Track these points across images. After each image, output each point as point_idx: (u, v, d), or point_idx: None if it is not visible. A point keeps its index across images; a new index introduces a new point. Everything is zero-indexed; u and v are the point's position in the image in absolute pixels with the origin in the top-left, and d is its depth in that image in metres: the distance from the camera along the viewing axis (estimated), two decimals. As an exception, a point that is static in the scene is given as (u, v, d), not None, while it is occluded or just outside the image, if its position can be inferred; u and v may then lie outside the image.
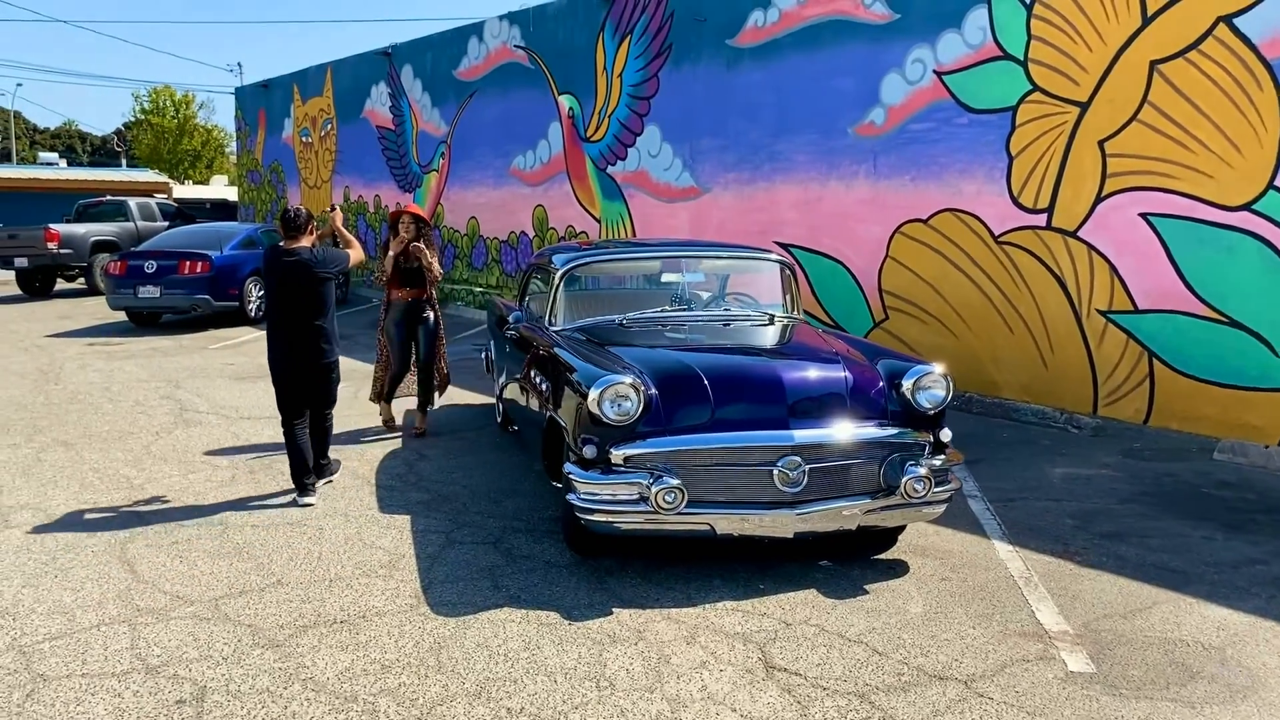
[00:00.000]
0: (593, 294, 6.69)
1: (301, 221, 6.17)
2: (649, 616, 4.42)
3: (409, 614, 4.46)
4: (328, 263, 6.16)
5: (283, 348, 6.13)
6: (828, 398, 4.84)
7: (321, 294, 6.12)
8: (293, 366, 6.13)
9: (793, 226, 10.89)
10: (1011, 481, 6.57)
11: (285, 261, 6.07)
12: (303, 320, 6.07)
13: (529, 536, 5.49)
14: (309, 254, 6.10)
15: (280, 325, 6.13)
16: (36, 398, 9.42)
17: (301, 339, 6.08)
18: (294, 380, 6.16)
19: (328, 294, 6.17)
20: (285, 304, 6.09)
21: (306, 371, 6.14)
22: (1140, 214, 8.00)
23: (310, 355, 6.10)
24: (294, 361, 6.11)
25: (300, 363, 6.11)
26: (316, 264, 6.08)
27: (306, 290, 6.07)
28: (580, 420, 4.83)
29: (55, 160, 48.27)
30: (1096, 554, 5.23)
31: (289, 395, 6.19)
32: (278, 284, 6.11)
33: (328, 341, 6.17)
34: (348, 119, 19.89)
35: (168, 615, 4.44)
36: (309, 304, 6.08)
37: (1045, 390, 8.69)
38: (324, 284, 6.12)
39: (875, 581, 4.83)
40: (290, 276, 6.06)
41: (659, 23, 12.45)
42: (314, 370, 6.15)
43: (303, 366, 6.12)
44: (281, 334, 6.13)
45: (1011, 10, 8.72)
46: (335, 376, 6.30)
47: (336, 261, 6.27)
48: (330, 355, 6.19)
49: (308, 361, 6.11)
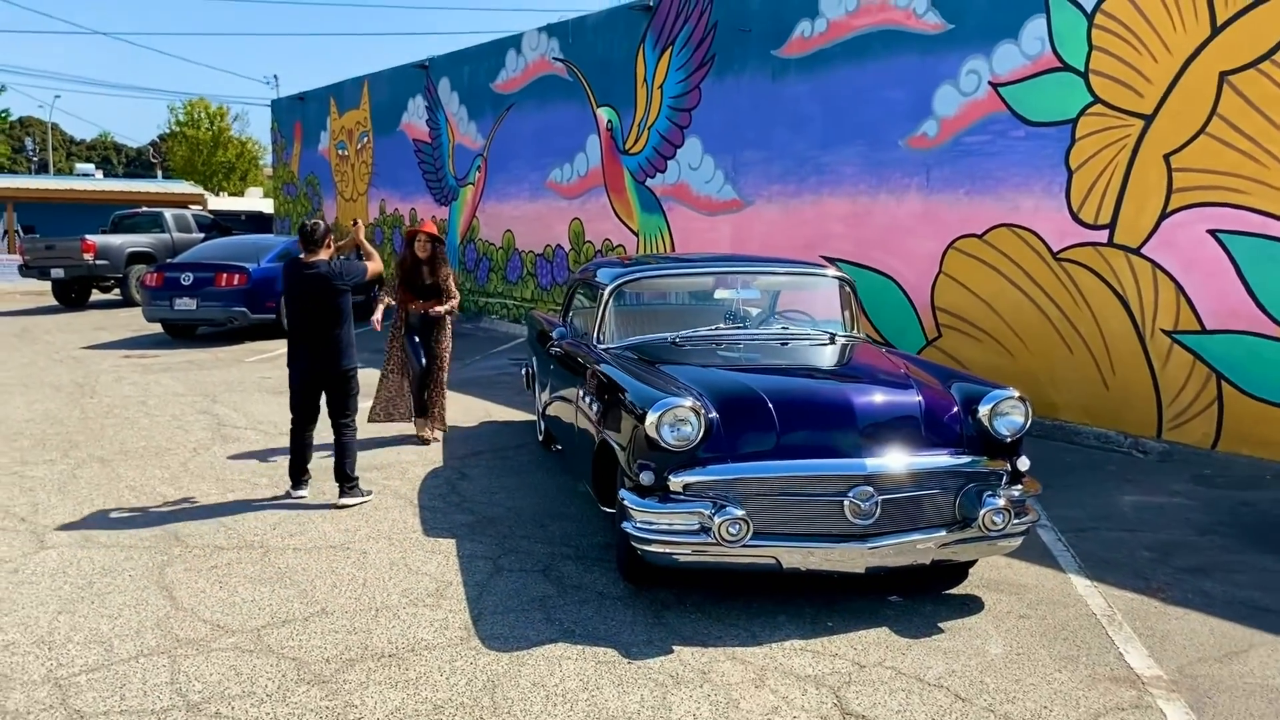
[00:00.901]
0: (642, 310, 6.47)
1: (320, 235, 6.34)
2: (713, 655, 4.17)
3: (459, 648, 4.24)
4: (346, 275, 6.35)
5: (304, 357, 6.34)
6: (900, 424, 4.58)
7: (339, 305, 6.32)
8: (313, 375, 6.36)
9: (840, 240, 10.62)
10: (1081, 510, 6.27)
11: (305, 274, 6.29)
12: (322, 330, 6.28)
13: (579, 564, 5.26)
14: (327, 266, 6.31)
15: (301, 336, 6.35)
16: (72, 411, 9.32)
17: (321, 348, 6.29)
18: (313, 388, 6.41)
19: (345, 305, 6.37)
20: (306, 315, 6.30)
21: (326, 379, 6.37)
22: (1208, 230, 7.68)
23: (330, 364, 6.32)
24: (315, 370, 6.35)
25: (321, 371, 6.34)
26: (335, 276, 6.28)
27: (325, 302, 6.27)
28: (637, 444, 4.60)
29: (92, 171, 48.77)
30: (1181, 590, 4.93)
31: (304, 403, 6.44)
32: (298, 296, 6.34)
33: (346, 350, 6.37)
34: (384, 132, 19.82)
35: (208, 646, 4.24)
36: (328, 315, 6.28)
37: (1106, 412, 8.37)
38: (342, 295, 6.32)
39: (949, 619, 4.56)
40: (310, 289, 6.27)
41: (701, 34, 12.25)
42: (334, 378, 6.37)
43: (323, 375, 6.36)
44: (303, 344, 6.34)
45: (1071, 21, 8.43)
46: (354, 385, 6.49)
47: (354, 273, 6.44)
48: (349, 363, 6.39)
49: (328, 370, 6.33)
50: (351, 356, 6.41)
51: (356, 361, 6.47)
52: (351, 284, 6.37)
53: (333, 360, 6.31)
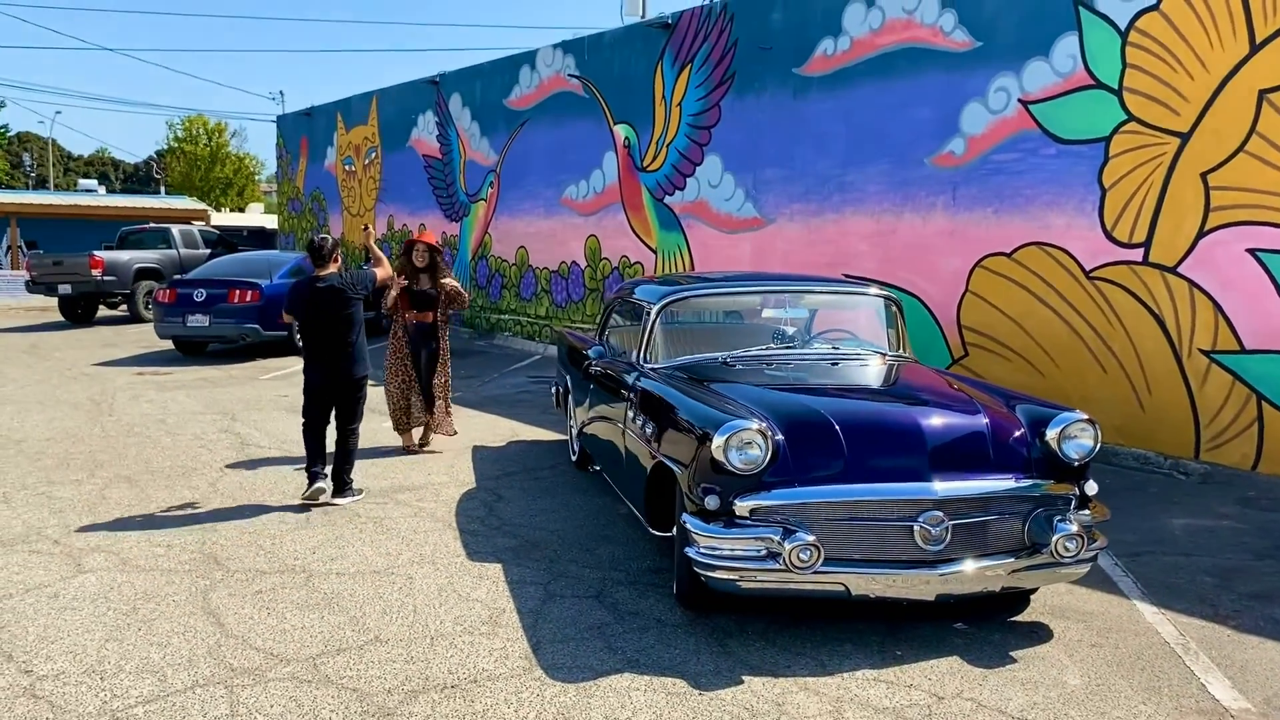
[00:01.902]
0: (689, 330, 6.37)
1: (329, 250, 6.71)
2: (784, 686, 4.06)
3: (523, 678, 4.12)
4: (357, 284, 6.75)
5: (322, 369, 6.69)
6: (969, 447, 4.48)
7: (353, 314, 6.69)
8: (330, 385, 6.71)
9: (864, 259, 10.56)
10: (1133, 533, 6.17)
11: (319, 289, 6.64)
12: (339, 341, 6.64)
13: (631, 590, 5.15)
14: (339, 279, 6.69)
15: (318, 347, 6.69)
16: (92, 429, 9.19)
17: (338, 359, 6.66)
18: (328, 398, 6.76)
19: (358, 314, 6.74)
20: (321, 328, 6.65)
21: (342, 388, 6.73)
22: (1247, 249, 7.62)
23: (345, 373, 6.69)
24: (331, 381, 6.70)
25: (337, 381, 6.70)
26: (347, 287, 6.67)
27: (340, 313, 6.62)
28: (701, 468, 4.50)
29: (95, 187, 48.64)
30: (1251, 618, 4.83)
31: (318, 408, 6.78)
32: (314, 310, 6.67)
33: (360, 359, 6.77)
34: (393, 147, 19.76)
35: (265, 676, 4.12)
36: (343, 325, 6.64)
37: (1142, 433, 8.29)
38: (354, 305, 6.69)
39: (1020, 648, 4.45)
40: (324, 301, 6.62)
41: (721, 51, 12.21)
42: (348, 386, 6.74)
43: (339, 384, 6.71)
44: (321, 357, 6.68)
45: (1105, 38, 8.40)
46: (365, 393, 6.88)
47: (364, 281, 6.84)
48: (362, 371, 6.79)
49: (343, 379, 6.70)
50: (365, 364, 6.82)
51: (369, 369, 6.89)
52: (364, 293, 6.77)
53: (348, 369, 6.68)
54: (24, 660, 4.26)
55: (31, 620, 4.70)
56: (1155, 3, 8.05)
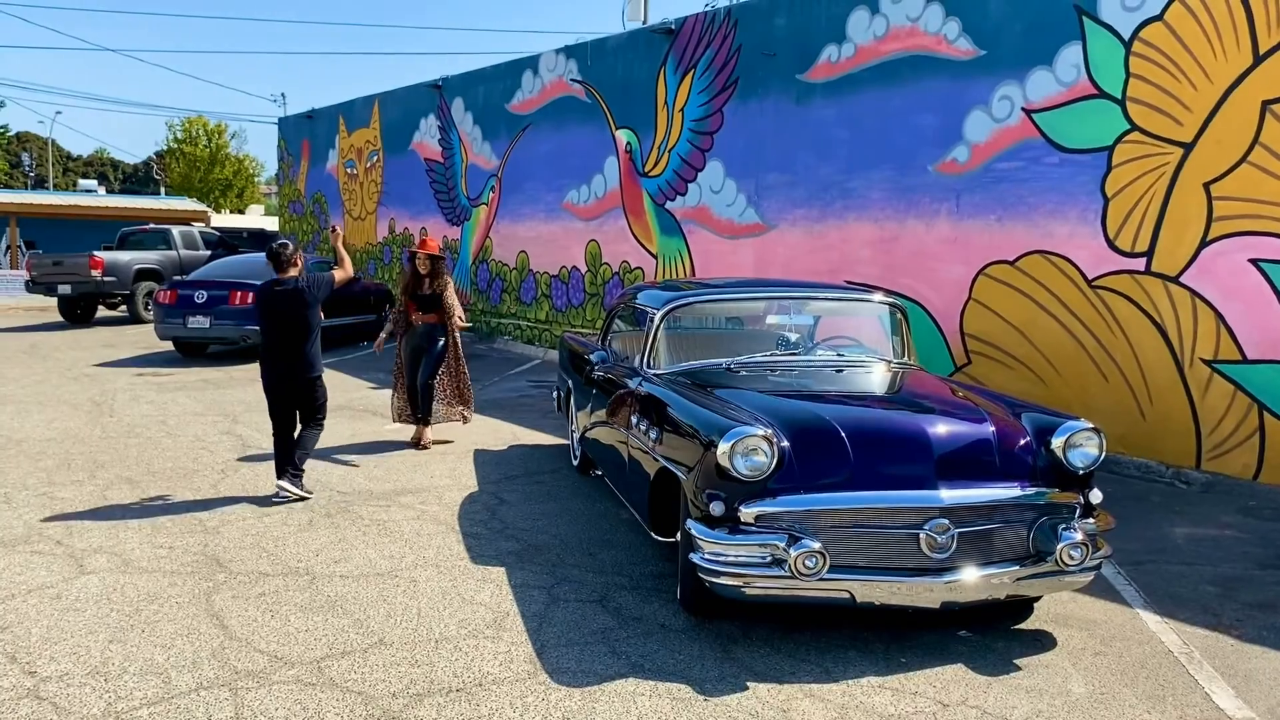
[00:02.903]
0: (693, 335, 6.37)
1: (289, 254, 6.90)
2: (789, 693, 4.06)
3: (528, 682, 4.12)
4: (314, 286, 6.89)
5: (278, 369, 6.86)
6: (975, 455, 4.49)
7: (308, 318, 6.85)
8: (285, 384, 6.88)
9: (866, 265, 10.57)
10: (1135, 542, 6.18)
11: (278, 291, 6.83)
12: (292, 342, 6.80)
13: (635, 594, 5.15)
14: (296, 282, 6.85)
15: (273, 349, 6.86)
16: (93, 430, 9.18)
17: (292, 359, 6.82)
18: (287, 397, 6.92)
19: (314, 318, 6.90)
20: (278, 329, 6.82)
21: (297, 388, 6.90)
22: (1250, 259, 7.64)
23: (300, 372, 6.86)
24: (287, 380, 6.86)
25: (291, 380, 6.86)
26: (306, 290, 6.83)
27: (297, 315, 6.80)
28: (706, 474, 4.50)
29: (94, 187, 48.60)
30: (1254, 627, 4.84)
31: (281, 411, 6.94)
32: (272, 312, 6.84)
33: (314, 360, 6.92)
34: (395, 151, 19.78)
35: (269, 679, 4.12)
36: (298, 327, 6.81)
37: (1143, 442, 8.30)
38: (311, 308, 6.84)
39: (1024, 656, 4.45)
40: (283, 304, 6.80)
41: (724, 58, 12.23)
42: (302, 386, 6.91)
43: (294, 383, 6.87)
44: (275, 357, 6.85)
45: (1108, 48, 8.42)
46: (321, 391, 7.05)
47: (322, 284, 6.96)
48: (315, 370, 6.95)
49: (298, 378, 6.87)
50: (318, 367, 6.97)
51: (322, 369, 7.04)
52: (322, 296, 6.92)
53: (303, 369, 6.85)
54: (27, 661, 4.25)
55: (34, 621, 4.69)
56: (1159, 13, 8.08)
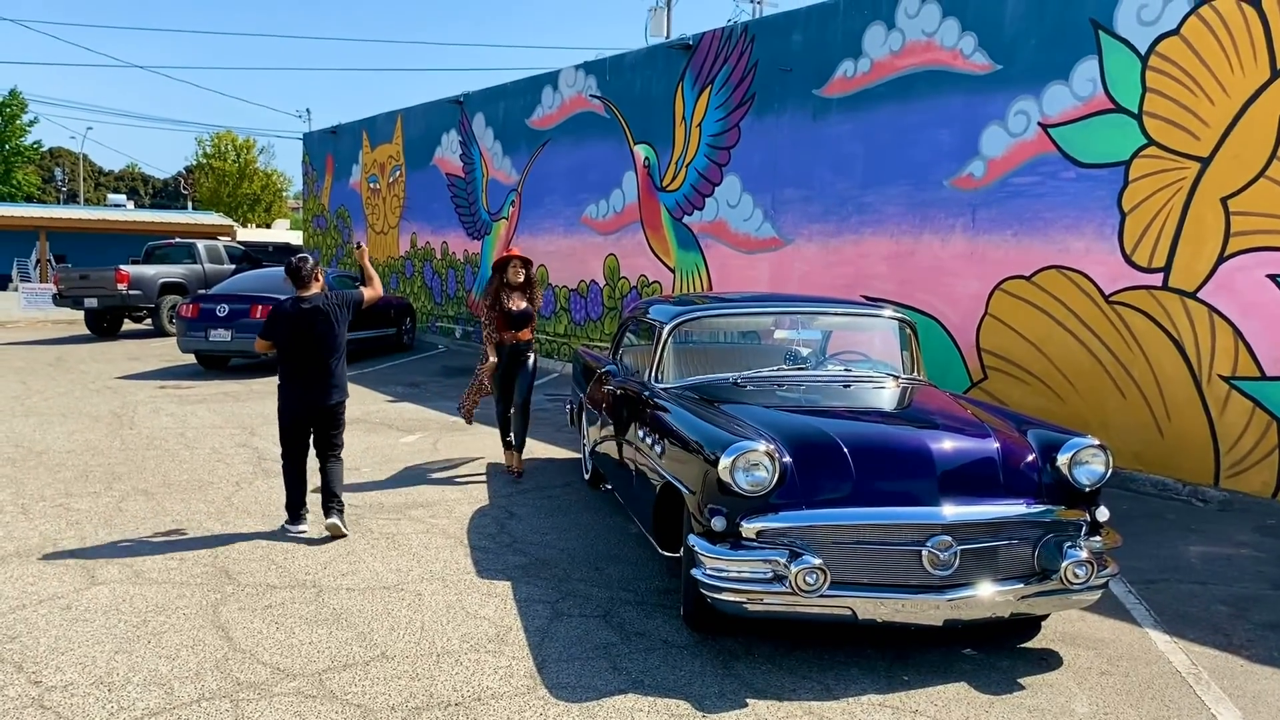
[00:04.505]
0: (701, 350, 6.37)
1: (309, 270, 6.35)
2: (789, 710, 4.04)
3: (527, 697, 4.12)
4: (342, 305, 6.40)
5: (297, 392, 6.30)
6: (979, 472, 4.46)
7: (337, 337, 6.34)
8: (305, 410, 6.33)
9: (882, 280, 10.54)
10: (1148, 560, 6.11)
11: (303, 309, 6.27)
12: (319, 365, 6.27)
13: (639, 610, 5.14)
14: (323, 299, 6.33)
15: (297, 372, 6.29)
16: (112, 442, 9.28)
17: (317, 383, 6.28)
18: (305, 423, 6.37)
19: (342, 338, 6.39)
20: (302, 350, 6.26)
21: (319, 415, 6.36)
22: (1268, 275, 7.56)
23: (326, 396, 6.31)
24: (308, 406, 6.32)
25: (314, 407, 6.32)
26: (334, 308, 6.33)
27: (324, 335, 6.26)
28: (708, 489, 4.49)
29: (123, 202, 49.30)
30: (1265, 648, 4.77)
31: (296, 438, 6.39)
32: (295, 331, 6.26)
33: (341, 381, 6.42)
34: (417, 166, 19.93)
35: (270, 691, 4.14)
36: (326, 348, 6.28)
37: (1160, 459, 8.21)
38: (339, 327, 6.34)
39: (1029, 675, 4.41)
40: (307, 323, 6.25)
41: (741, 73, 12.26)
42: (325, 413, 6.36)
43: (316, 410, 6.33)
44: (296, 379, 6.29)
45: (1125, 62, 8.37)
46: (343, 420, 6.51)
47: (350, 303, 6.47)
48: (340, 397, 6.42)
49: (320, 405, 6.32)
50: (344, 390, 6.48)
51: (347, 395, 6.54)
52: (350, 315, 6.45)
53: (325, 393, 6.31)
54: (34, 671, 4.30)
55: (43, 631, 4.74)
56: (1176, 27, 8.03)
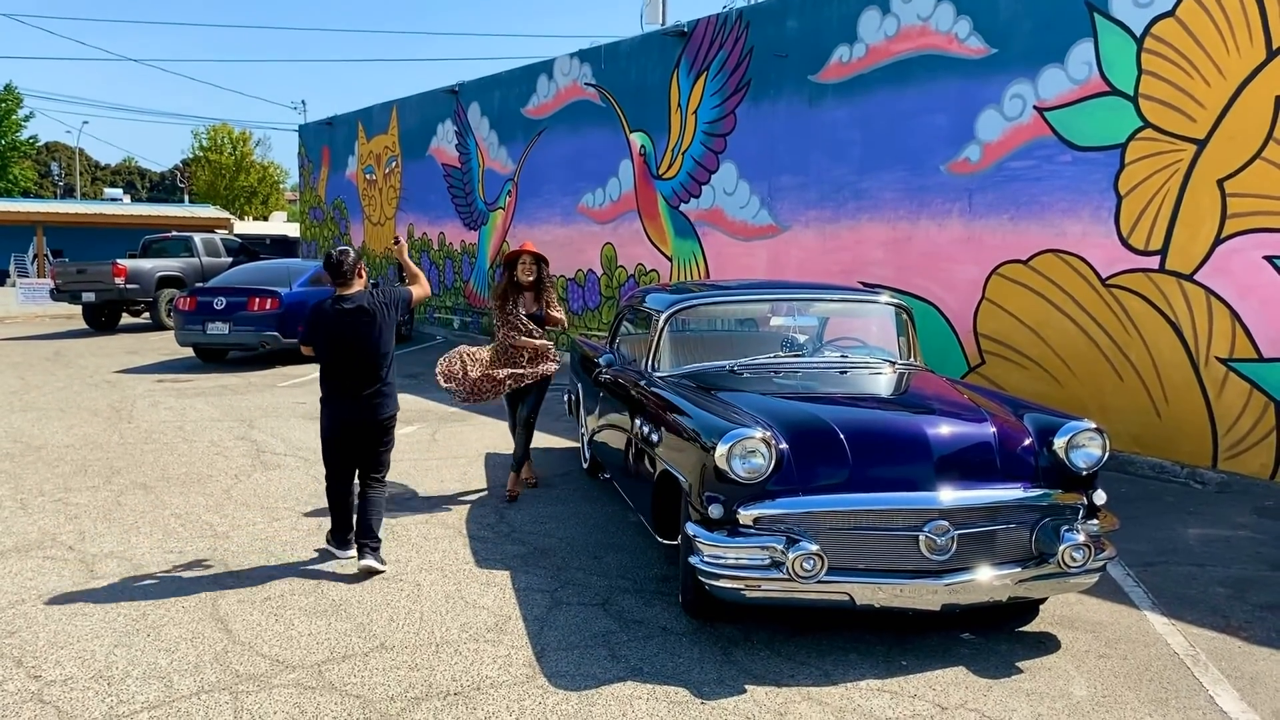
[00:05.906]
0: (698, 338, 6.36)
1: (350, 264, 5.54)
2: (788, 696, 4.05)
3: (526, 686, 4.13)
4: (389, 305, 5.59)
5: (345, 408, 5.54)
6: (975, 457, 4.46)
7: (386, 341, 5.56)
8: (353, 426, 5.56)
9: (880, 266, 10.52)
10: (1146, 543, 6.11)
11: (345, 310, 5.47)
12: (368, 373, 5.49)
13: (638, 598, 5.15)
14: (369, 298, 5.53)
15: (343, 384, 5.52)
16: (111, 436, 9.28)
17: (366, 396, 5.51)
18: (351, 441, 5.60)
19: (390, 341, 5.62)
20: (344, 356, 5.48)
21: (367, 430, 5.58)
22: (1265, 256, 7.55)
23: (373, 411, 5.54)
24: (355, 421, 5.54)
25: (362, 421, 5.55)
26: (380, 308, 5.52)
27: (370, 339, 5.48)
28: (705, 476, 4.49)
29: (120, 196, 49.19)
30: (1263, 629, 4.78)
31: (341, 455, 5.64)
32: (335, 336, 5.48)
33: (390, 395, 5.64)
34: (413, 156, 19.89)
35: (269, 682, 4.15)
36: (373, 353, 5.50)
37: (1158, 442, 8.21)
38: (388, 330, 5.56)
39: (1027, 658, 4.42)
40: (351, 325, 5.46)
41: (737, 59, 12.22)
42: (374, 430, 5.59)
43: (364, 425, 5.56)
44: (344, 394, 5.53)
45: (1120, 45, 8.34)
46: (393, 438, 5.75)
47: (399, 303, 5.68)
48: (391, 409, 5.65)
49: (370, 419, 5.55)
50: (396, 402, 5.72)
51: (398, 406, 5.79)
52: (399, 315, 5.68)
53: (376, 408, 5.54)
54: (33, 665, 4.31)
55: (43, 626, 4.75)
56: (1171, 9, 8.00)
